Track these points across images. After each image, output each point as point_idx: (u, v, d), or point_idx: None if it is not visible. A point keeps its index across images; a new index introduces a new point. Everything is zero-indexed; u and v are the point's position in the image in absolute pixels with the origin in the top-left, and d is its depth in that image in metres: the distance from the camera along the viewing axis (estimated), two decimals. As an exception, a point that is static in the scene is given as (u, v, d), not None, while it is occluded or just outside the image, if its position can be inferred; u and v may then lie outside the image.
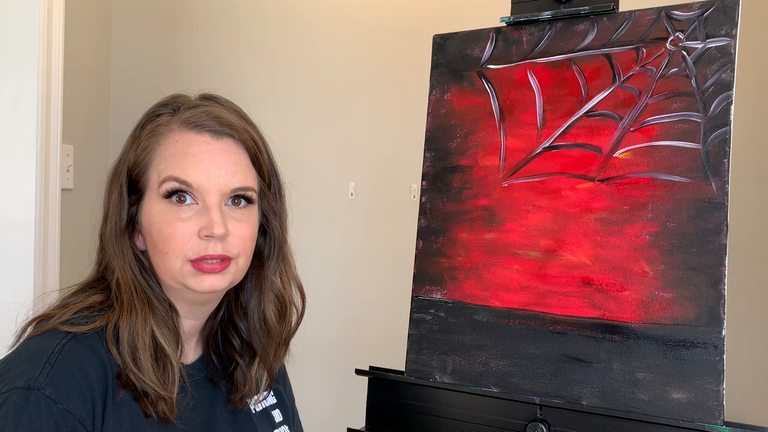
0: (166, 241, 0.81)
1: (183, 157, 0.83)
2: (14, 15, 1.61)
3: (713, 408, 0.97)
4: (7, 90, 1.61)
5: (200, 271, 0.82)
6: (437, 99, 1.28)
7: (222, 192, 0.83)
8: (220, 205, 0.83)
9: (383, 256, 2.07)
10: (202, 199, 0.82)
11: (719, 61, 1.05)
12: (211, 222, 0.81)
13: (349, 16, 2.14)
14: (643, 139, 1.09)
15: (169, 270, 0.83)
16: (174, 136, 0.85)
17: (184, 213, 0.82)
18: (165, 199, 0.82)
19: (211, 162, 0.83)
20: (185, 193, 0.82)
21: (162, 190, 0.82)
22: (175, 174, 0.82)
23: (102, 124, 2.28)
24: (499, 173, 1.21)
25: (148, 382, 0.79)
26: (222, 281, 0.84)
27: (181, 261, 0.82)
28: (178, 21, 2.33)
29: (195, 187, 0.82)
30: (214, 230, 0.80)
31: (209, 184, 0.82)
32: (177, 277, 0.83)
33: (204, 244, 0.81)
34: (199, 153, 0.83)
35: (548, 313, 1.12)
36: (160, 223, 0.82)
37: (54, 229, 1.68)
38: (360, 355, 2.06)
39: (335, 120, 2.15)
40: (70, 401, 0.73)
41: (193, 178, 0.82)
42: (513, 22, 1.23)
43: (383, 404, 1.23)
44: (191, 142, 0.84)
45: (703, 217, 1.03)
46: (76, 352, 0.77)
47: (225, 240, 0.82)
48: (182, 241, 0.81)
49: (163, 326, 0.84)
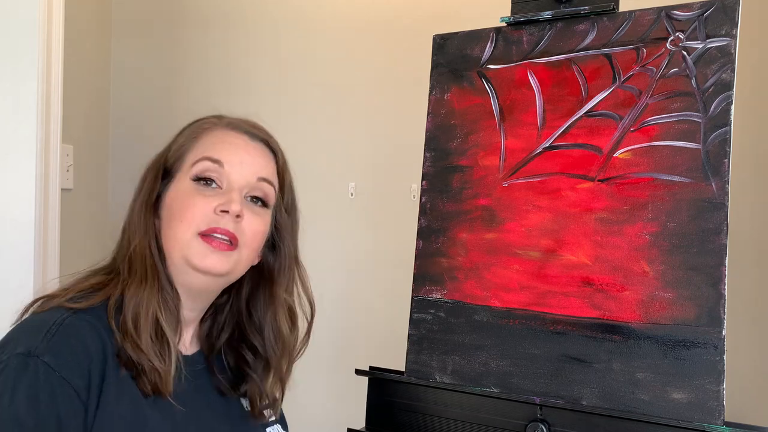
0: (183, 212, 0.85)
1: (220, 143, 0.90)
2: (14, 15, 1.61)
3: (713, 408, 0.97)
4: (7, 90, 1.61)
5: (208, 244, 0.84)
6: (437, 99, 1.28)
7: (248, 180, 0.88)
8: (241, 192, 0.88)
9: (383, 256, 2.07)
10: (228, 182, 0.87)
11: (719, 61, 1.05)
12: (229, 199, 0.85)
13: (349, 16, 2.14)
14: (643, 139, 1.09)
15: (178, 241, 0.85)
16: (215, 131, 0.92)
17: (207, 192, 0.87)
18: (193, 180, 0.87)
19: (246, 152, 0.90)
20: (212, 179, 0.87)
21: (194, 170, 0.88)
22: (209, 154, 0.88)
23: (102, 124, 2.28)
24: (499, 173, 1.21)
25: (145, 352, 0.81)
26: (223, 263, 0.86)
27: (191, 233, 0.85)
28: (178, 21, 2.32)
29: (225, 168, 0.87)
30: (231, 206, 0.85)
31: (239, 169, 0.88)
32: (184, 248, 0.85)
33: (217, 218, 0.85)
34: (236, 143, 0.90)
35: (548, 313, 1.12)
36: (183, 196, 0.87)
37: (54, 229, 1.68)
38: (360, 355, 2.06)
39: (335, 120, 2.15)
40: (67, 370, 0.75)
41: (226, 160, 0.88)
42: (513, 22, 1.23)
43: (383, 404, 1.23)
44: (230, 135, 0.91)
45: (703, 217, 1.03)
46: (76, 325, 0.79)
47: (238, 223, 0.86)
48: (199, 212, 0.85)
49: (164, 306, 0.86)
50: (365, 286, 2.10)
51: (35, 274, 1.61)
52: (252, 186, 0.89)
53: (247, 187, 0.89)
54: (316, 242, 2.12)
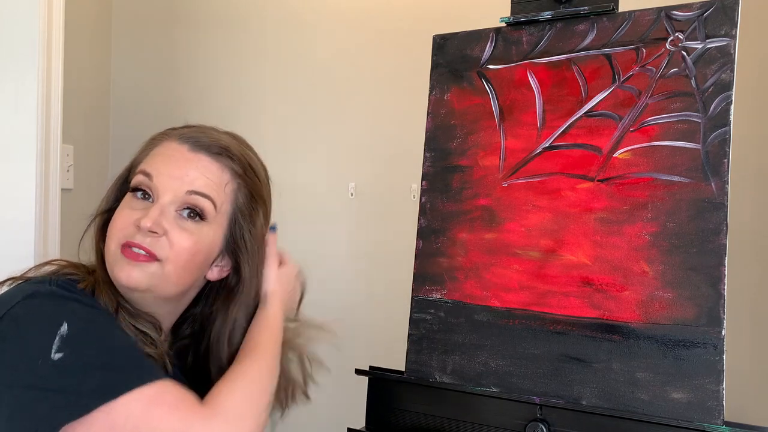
0: (112, 225, 0.87)
1: (156, 156, 0.89)
2: (14, 15, 1.61)
3: (713, 408, 0.97)
4: (7, 90, 1.61)
5: (125, 256, 0.84)
6: (437, 99, 1.28)
7: (175, 193, 0.86)
8: (167, 207, 0.86)
9: (383, 256, 2.07)
10: (156, 195, 0.86)
11: (719, 61, 1.06)
12: (146, 214, 0.84)
13: (348, 16, 2.14)
14: (643, 139, 1.10)
15: (107, 254, 0.86)
16: (164, 143, 0.90)
17: (137, 205, 0.86)
18: (131, 192, 0.88)
19: (176, 165, 0.87)
20: (147, 193, 0.87)
21: (131, 181, 0.88)
22: (143, 167, 0.88)
23: (102, 125, 2.28)
24: (499, 173, 1.21)
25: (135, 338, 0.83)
26: (141, 276, 0.84)
27: (115, 245, 0.85)
28: (178, 21, 2.32)
29: (154, 181, 0.86)
30: (142, 221, 0.83)
31: (167, 183, 0.86)
32: (110, 260, 0.86)
33: (134, 232, 0.84)
34: (171, 156, 0.88)
35: (548, 313, 1.12)
36: (118, 210, 0.88)
37: (54, 229, 1.68)
38: (360, 355, 2.06)
39: (335, 120, 2.15)
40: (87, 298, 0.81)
41: (156, 173, 0.86)
42: (513, 22, 1.23)
43: (383, 404, 1.23)
44: (171, 148, 0.89)
45: (703, 217, 1.03)
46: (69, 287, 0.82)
47: (155, 239, 0.84)
48: (120, 225, 0.85)
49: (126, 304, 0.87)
50: (365, 286, 2.10)
51: (35, 274, 1.61)
52: (181, 200, 0.86)
53: (176, 202, 0.86)
54: (316, 242, 2.12)
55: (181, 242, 0.85)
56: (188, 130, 0.91)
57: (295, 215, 2.04)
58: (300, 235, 1.96)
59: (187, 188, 0.86)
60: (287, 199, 1.01)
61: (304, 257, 1.05)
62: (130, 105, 2.31)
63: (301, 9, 2.19)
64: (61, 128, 1.70)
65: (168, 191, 0.85)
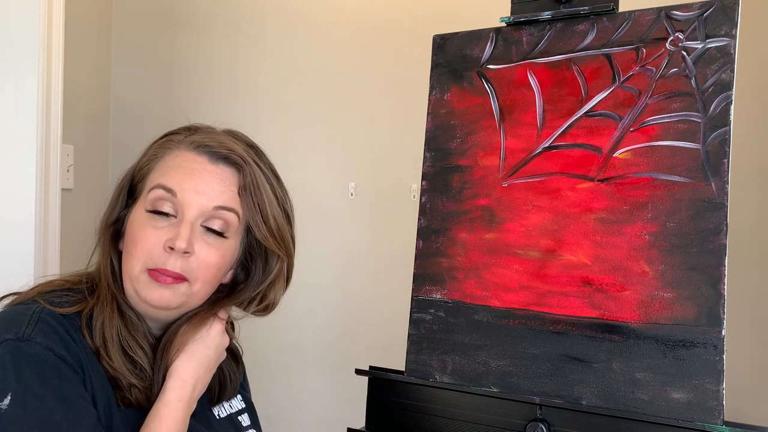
0: (135, 244, 0.84)
1: (175, 169, 0.86)
2: (14, 15, 1.61)
3: (713, 408, 0.97)
4: (7, 90, 1.61)
5: (154, 280, 0.83)
6: (437, 99, 1.28)
7: (202, 209, 0.85)
8: (194, 223, 0.84)
9: (383, 256, 2.07)
10: (182, 212, 0.84)
11: (719, 61, 1.06)
12: (176, 234, 0.82)
13: (349, 16, 2.14)
14: (643, 139, 1.10)
15: (129, 273, 0.85)
16: (177, 151, 0.88)
17: (160, 223, 0.84)
18: (147, 212, 0.85)
19: (201, 179, 0.85)
20: (168, 204, 0.84)
21: (149, 197, 0.85)
22: (163, 182, 0.85)
23: (102, 125, 2.28)
24: (498, 173, 1.21)
25: (119, 371, 0.82)
26: (172, 297, 0.85)
27: (140, 268, 0.84)
28: (179, 21, 2.33)
29: (179, 198, 0.84)
30: (176, 242, 0.82)
31: (192, 198, 0.84)
32: (134, 282, 0.84)
33: (165, 257, 0.83)
34: (191, 169, 0.85)
35: (548, 313, 1.12)
36: (137, 227, 0.85)
37: (54, 229, 1.68)
38: (360, 355, 2.06)
39: (335, 120, 2.15)
40: (61, 349, 0.77)
41: (179, 189, 0.84)
42: (513, 22, 1.23)
43: (383, 404, 1.23)
44: (188, 159, 0.86)
45: (703, 217, 1.03)
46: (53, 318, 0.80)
47: (186, 259, 0.84)
48: (147, 247, 0.83)
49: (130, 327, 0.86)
50: (365, 286, 2.11)
51: (35, 274, 1.61)
52: (207, 215, 0.85)
53: (202, 217, 0.85)
54: (316, 242, 2.12)
55: (210, 259, 0.85)
56: (199, 138, 0.88)
57: (295, 215, 2.04)
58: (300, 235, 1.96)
59: (214, 204, 0.85)
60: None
61: (304, 257, 1.05)
62: (130, 105, 2.31)
63: (301, 9, 2.19)
64: (61, 128, 1.70)
65: (194, 207, 0.84)
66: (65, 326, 0.81)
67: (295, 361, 2.12)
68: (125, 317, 0.86)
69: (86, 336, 0.82)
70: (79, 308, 0.84)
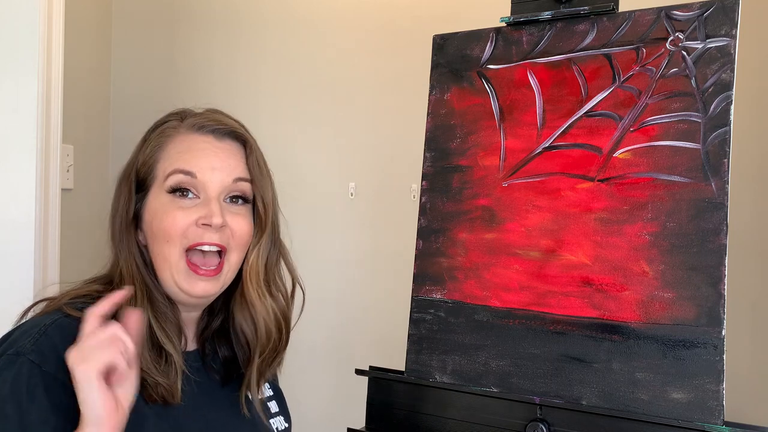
0: (166, 229, 0.85)
1: (188, 152, 0.88)
2: (14, 15, 1.61)
3: (713, 408, 0.97)
4: (7, 90, 1.61)
5: (194, 273, 0.85)
6: (437, 99, 1.28)
7: (223, 184, 0.87)
8: (219, 198, 0.87)
9: (383, 256, 2.07)
10: (204, 190, 0.86)
11: (719, 61, 1.06)
12: (210, 212, 0.85)
13: (349, 16, 2.14)
14: (643, 139, 1.10)
15: (167, 261, 0.86)
16: (180, 137, 0.90)
17: (185, 204, 0.86)
18: (169, 193, 0.86)
19: (215, 156, 0.88)
20: (188, 189, 0.86)
21: (167, 183, 0.87)
22: (180, 166, 0.87)
23: (102, 124, 2.28)
24: (499, 173, 1.21)
25: (146, 369, 0.81)
26: (213, 286, 0.87)
27: (179, 252, 0.85)
28: (179, 21, 2.33)
29: (199, 178, 0.86)
30: (213, 219, 0.84)
31: (212, 176, 0.87)
32: (173, 271, 0.85)
33: (201, 232, 0.85)
34: (204, 149, 0.88)
35: (548, 313, 1.12)
36: (162, 213, 0.86)
37: (54, 229, 1.68)
38: (360, 355, 2.06)
39: (335, 120, 2.15)
40: (51, 365, 0.76)
41: (197, 169, 0.86)
42: (513, 22, 1.23)
43: (383, 404, 1.23)
44: (196, 140, 0.89)
45: (703, 217, 1.03)
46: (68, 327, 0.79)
47: (222, 231, 0.86)
48: (181, 228, 0.85)
49: (162, 318, 0.86)
50: (365, 286, 2.10)
51: (35, 274, 1.61)
52: (229, 188, 0.88)
53: (225, 191, 0.88)
54: (316, 242, 2.12)
55: (242, 227, 0.88)
56: (196, 120, 0.91)
57: (295, 215, 2.04)
58: (300, 235, 1.96)
59: (233, 176, 0.88)
60: (287, 199, 1.01)
61: (304, 257, 1.05)
62: (130, 105, 2.31)
63: (301, 9, 2.19)
64: (61, 128, 1.70)
65: (215, 183, 0.87)
66: None
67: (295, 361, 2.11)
68: (155, 305, 0.86)
69: None
70: None
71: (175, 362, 0.85)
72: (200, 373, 0.93)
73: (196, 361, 0.94)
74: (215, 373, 0.95)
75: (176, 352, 0.86)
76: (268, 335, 0.93)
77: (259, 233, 0.91)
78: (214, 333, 0.96)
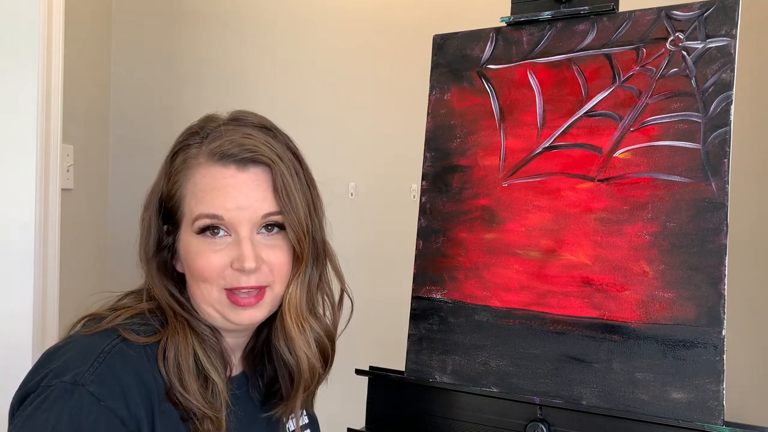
0: (201, 272, 0.84)
1: (211, 192, 0.84)
2: (14, 14, 1.61)
3: (713, 408, 0.97)
4: (7, 89, 1.61)
5: (236, 305, 0.84)
6: (437, 99, 1.28)
7: (252, 221, 0.84)
8: (251, 236, 0.84)
9: (383, 256, 2.07)
10: (234, 230, 0.84)
11: (719, 61, 1.05)
12: (242, 256, 0.82)
13: (349, 16, 2.14)
14: (643, 139, 1.09)
15: (207, 299, 0.85)
16: (202, 170, 0.85)
17: (218, 245, 0.84)
18: (198, 234, 0.84)
19: (240, 193, 0.84)
20: (218, 227, 0.84)
21: (195, 227, 0.84)
22: (205, 211, 0.84)
23: (102, 124, 2.28)
24: (499, 173, 1.21)
25: (194, 402, 0.81)
26: (259, 313, 0.86)
27: (218, 290, 0.84)
28: (179, 21, 2.33)
29: (226, 220, 0.83)
30: (245, 264, 0.82)
31: (240, 215, 0.83)
32: (216, 306, 0.85)
33: (237, 276, 0.84)
34: (226, 186, 0.84)
35: (548, 313, 1.12)
36: (195, 255, 0.84)
37: (54, 229, 1.68)
38: (360, 355, 2.06)
39: (335, 120, 2.15)
40: (112, 400, 0.75)
41: (223, 212, 0.83)
42: (513, 22, 1.23)
43: (383, 404, 1.23)
44: (218, 176, 0.85)
45: (703, 217, 1.03)
46: (126, 355, 0.78)
47: (258, 271, 0.84)
48: (216, 272, 0.83)
49: (206, 347, 0.85)
50: (365, 286, 2.10)
51: (35, 274, 1.61)
52: (259, 224, 0.85)
53: (256, 227, 0.85)
54: (316, 242, 2.12)
55: (280, 260, 0.86)
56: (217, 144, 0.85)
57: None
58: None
59: (260, 213, 0.85)
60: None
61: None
62: (130, 105, 2.31)
63: (301, 9, 2.19)
64: (61, 128, 1.70)
65: (244, 222, 0.84)
66: (143, 359, 0.80)
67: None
68: (200, 336, 0.85)
69: (161, 368, 0.81)
70: (158, 338, 0.83)
71: (219, 393, 0.84)
72: (241, 400, 0.92)
73: (241, 386, 0.93)
74: (257, 392, 0.95)
75: (221, 380, 0.85)
76: (311, 371, 0.92)
77: (297, 264, 0.89)
78: (260, 351, 0.96)
